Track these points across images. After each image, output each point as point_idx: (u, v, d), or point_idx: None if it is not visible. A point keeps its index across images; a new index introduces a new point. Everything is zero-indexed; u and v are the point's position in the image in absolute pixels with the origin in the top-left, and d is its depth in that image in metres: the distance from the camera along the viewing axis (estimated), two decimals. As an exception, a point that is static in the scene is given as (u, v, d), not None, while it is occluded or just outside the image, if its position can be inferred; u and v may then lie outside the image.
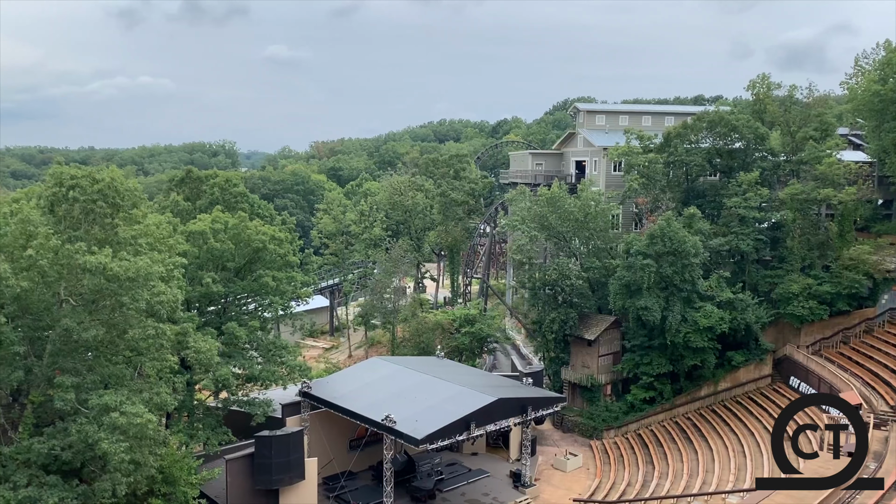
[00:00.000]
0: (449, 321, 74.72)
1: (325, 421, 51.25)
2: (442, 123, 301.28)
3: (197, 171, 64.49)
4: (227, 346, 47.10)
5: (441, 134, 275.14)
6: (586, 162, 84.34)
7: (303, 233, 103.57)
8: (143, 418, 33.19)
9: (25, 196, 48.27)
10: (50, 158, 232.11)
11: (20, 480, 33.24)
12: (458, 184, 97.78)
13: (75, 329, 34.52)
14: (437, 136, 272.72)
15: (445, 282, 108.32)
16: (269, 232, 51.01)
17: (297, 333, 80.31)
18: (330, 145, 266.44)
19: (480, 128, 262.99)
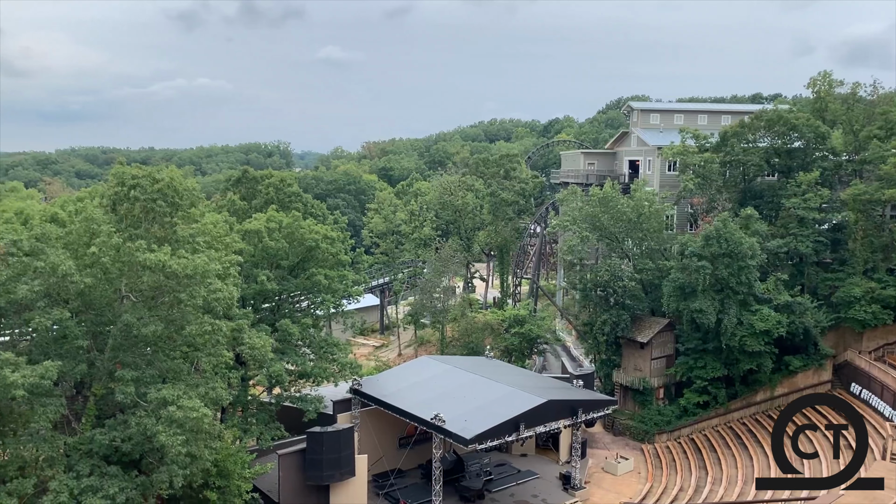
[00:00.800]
0: (498, 321, 74.51)
1: (375, 418, 51.68)
2: (492, 123, 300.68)
3: (252, 171, 65.73)
4: (280, 343, 47.90)
5: (491, 133, 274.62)
6: (640, 161, 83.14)
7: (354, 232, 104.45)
8: (199, 412, 33.99)
9: (89, 195, 50.04)
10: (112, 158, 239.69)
11: (83, 470, 34.43)
12: (508, 184, 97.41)
13: (135, 324, 35.57)
14: (487, 135, 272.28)
15: (495, 282, 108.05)
16: (321, 231, 51.71)
17: (348, 331, 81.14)
18: (381, 145, 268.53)
19: (531, 127, 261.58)
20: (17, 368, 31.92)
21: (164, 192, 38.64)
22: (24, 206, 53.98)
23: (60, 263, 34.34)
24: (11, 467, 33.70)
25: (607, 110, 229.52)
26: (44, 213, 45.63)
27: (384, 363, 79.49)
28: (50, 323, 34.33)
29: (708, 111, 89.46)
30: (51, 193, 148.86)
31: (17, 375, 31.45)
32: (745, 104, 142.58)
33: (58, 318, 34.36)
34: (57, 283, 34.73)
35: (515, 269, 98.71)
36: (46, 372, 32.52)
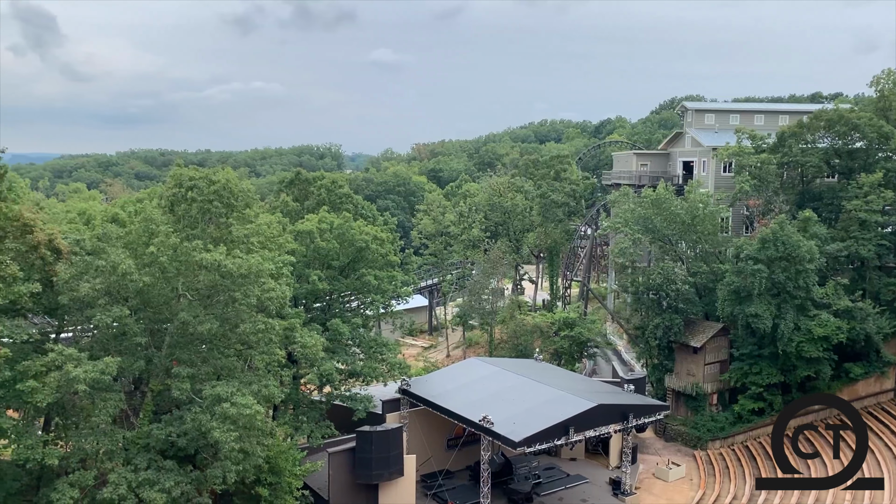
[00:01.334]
0: (548, 324, 74.00)
1: (423, 419, 51.86)
2: (543, 124, 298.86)
3: (305, 172, 66.76)
4: (331, 342, 48.46)
5: (541, 134, 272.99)
6: (694, 162, 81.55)
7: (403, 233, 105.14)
8: (252, 409, 34.64)
9: (148, 196, 51.47)
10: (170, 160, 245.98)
11: (141, 463, 35.42)
12: (558, 185, 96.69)
13: (191, 322, 36.44)
14: (537, 136, 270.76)
15: (544, 284, 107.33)
16: (371, 232, 52.18)
17: (396, 332, 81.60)
18: (431, 147, 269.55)
19: (582, 128, 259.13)
20: (80, 364, 33.03)
21: (220, 194, 39.53)
22: (86, 207, 55.75)
23: (121, 262, 35.40)
24: (74, 459, 34.87)
25: (660, 110, 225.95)
26: (105, 213, 47.15)
27: (432, 364, 79.70)
28: (110, 320, 35.43)
29: (765, 111, 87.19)
30: (112, 194, 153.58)
31: (80, 370, 32.55)
32: (803, 104, 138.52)
33: (118, 315, 35.43)
34: (117, 282, 35.81)
35: (565, 272, 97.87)
36: (107, 368, 33.56)
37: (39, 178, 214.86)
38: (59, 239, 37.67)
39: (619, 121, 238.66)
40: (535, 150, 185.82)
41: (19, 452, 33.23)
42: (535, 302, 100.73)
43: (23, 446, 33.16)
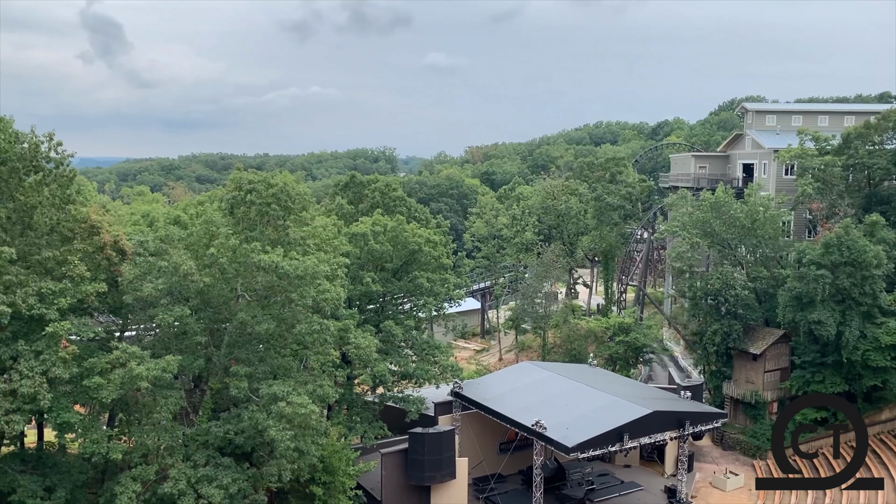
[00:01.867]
0: (602, 329, 73.11)
1: (475, 422, 51.82)
2: (598, 126, 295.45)
3: (359, 176, 67.48)
4: (384, 344, 48.88)
5: (597, 137, 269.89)
6: (754, 165, 79.57)
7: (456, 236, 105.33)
8: (307, 409, 35.18)
9: (209, 199, 52.76)
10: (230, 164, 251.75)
11: (200, 460, 36.32)
12: (614, 188, 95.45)
13: (249, 322, 37.24)
14: (592, 138, 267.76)
15: (599, 288, 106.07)
16: (424, 234, 52.45)
17: (449, 334, 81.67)
18: (484, 150, 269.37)
19: (639, 130, 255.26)
20: (143, 361, 34.09)
21: (278, 197, 40.29)
22: (150, 209, 57.59)
23: (182, 263, 36.41)
24: (136, 454, 35.99)
25: (720, 112, 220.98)
26: (168, 215, 48.57)
27: (485, 367, 79.58)
28: (172, 319, 36.46)
29: (829, 112, 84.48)
30: (174, 197, 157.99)
31: (143, 368, 33.59)
32: (870, 104, 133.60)
33: (179, 314, 36.43)
34: (179, 282, 36.84)
35: (621, 276, 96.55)
36: (168, 365, 34.56)
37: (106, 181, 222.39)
38: (124, 240, 38.97)
39: (676, 122, 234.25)
40: (590, 153, 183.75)
41: (85, 446, 34.47)
42: (590, 306, 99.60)
43: (89, 440, 34.40)
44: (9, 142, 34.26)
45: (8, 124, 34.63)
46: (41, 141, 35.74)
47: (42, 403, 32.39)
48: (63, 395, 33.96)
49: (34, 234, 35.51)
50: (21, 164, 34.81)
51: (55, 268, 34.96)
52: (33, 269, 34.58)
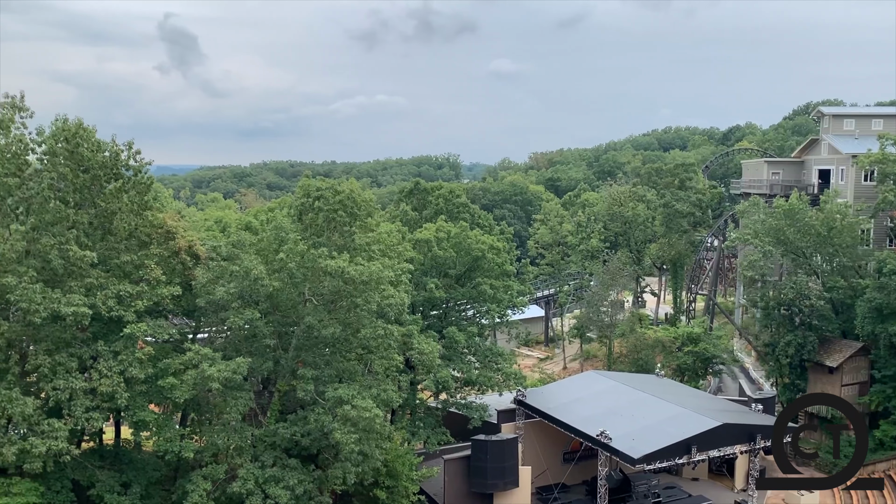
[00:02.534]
0: (670, 339, 71.55)
1: (539, 430, 51.41)
2: (667, 131, 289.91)
3: (424, 182, 67.93)
4: (447, 350, 49.02)
5: (665, 142, 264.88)
6: (831, 171, 76.63)
7: (520, 242, 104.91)
8: (371, 412, 35.57)
9: (279, 206, 54.07)
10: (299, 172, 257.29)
11: (267, 460, 37.16)
12: (683, 194, 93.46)
13: (316, 326, 37.95)
14: (660, 144, 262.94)
15: (667, 297, 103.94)
16: (488, 241, 52.42)
17: (512, 342, 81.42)
18: (548, 156, 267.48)
19: (709, 135, 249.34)
20: (214, 363, 35.12)
21: (345, 203, 40.99)
22: (222, 215, 59.24)
23: (253, 268, 37.40)
24: (207, 454, 37.07)
25: (794, 116, 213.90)
26: (239, 221, 49.93)
27: (549, 376, 78.87)
28: (242, 322, 37.46)
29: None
30: (246, 203, 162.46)
31: (214, 369, 34.62)
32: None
33: (249, 318, 37.41)
34: (249, 286, 37.84)
35: (690, 285, 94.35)
36: (238, 367, 35.51)
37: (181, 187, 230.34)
38: (198, 245, 40.28)
39: (748, 127, 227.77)
40: (659, 158, 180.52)
41: (159, 444, 35.73)
42: (657, 315, 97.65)
43: (163, 439, 35.64)
44: (91, 150, 35.88)
45: (91, 133, 36.27)
46: (121, 149, 37.30)
47: (119, 402, 33.72)
48: (139, 395, 35.28)
49: (114, 238, 37.05)
50: (102, 171, 36.39)
51: (133, 271, 36.37)
52: (112, 273, 36.07)
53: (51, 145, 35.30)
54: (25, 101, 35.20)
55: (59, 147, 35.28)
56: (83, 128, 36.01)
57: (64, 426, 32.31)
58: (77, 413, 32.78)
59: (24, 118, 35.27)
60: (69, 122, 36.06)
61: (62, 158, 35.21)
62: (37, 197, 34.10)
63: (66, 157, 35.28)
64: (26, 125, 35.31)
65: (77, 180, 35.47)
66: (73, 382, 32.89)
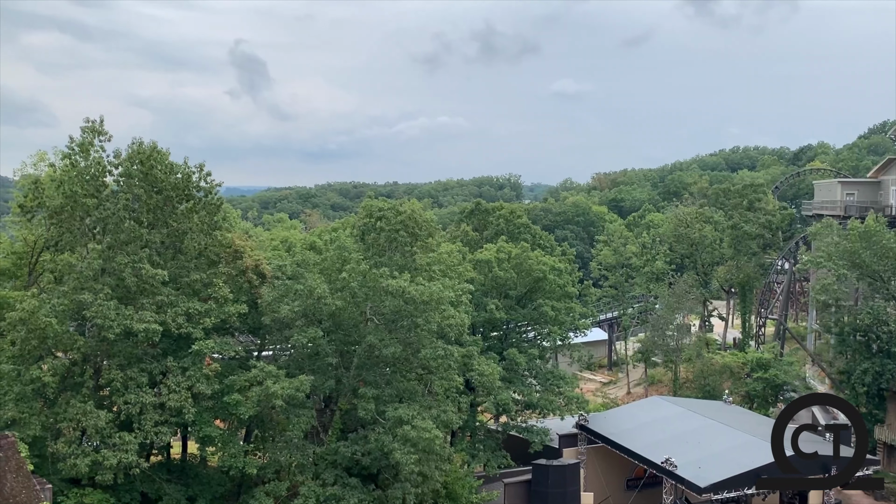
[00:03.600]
0: (739, 364, 69.41)
1: (601, 456, 50.38)
2: (735, 151, 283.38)
3: (484, 203, 68.08)
4: (507, 372, 48.63)
5: (733, 162, 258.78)
6: (911, 191, 73.45)
7: (582, 264, 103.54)
8: (431, 433, 35.50)
9: (342, 226, 54.96)
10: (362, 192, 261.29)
11: (328, 479, 37.44)
12: (751, 215, 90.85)
13: (377, 345, 38.22)
14: (728, 164, 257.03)
15: (735, 321, 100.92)
16: (549, 262, 51.99)
17: (574, 365, 79.96)
18: (612, 176, 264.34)
19: (779, 155, 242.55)
20: (278, 380, 35.71)
21: (406, 224, 41.40)
22: (288, 235, 60.49)
23: (316, 287, 38.00)
24: (269, 470, 37.59)
25: (870, 135, 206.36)
26: (304, 241, 50.91)
27: (612, 400, 77.40)
28: (306, 340, 38.03)
29: None
30: (310, 224, 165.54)
31: (278, 387, 35.19)
32: None
33: (312, 336, 37.94)
34: (313, 305, 38.44)
35: (760, 309, 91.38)
36: (301, 385, 36.01)
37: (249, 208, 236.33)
38: (264, 264, 41.20)
39: (821, 147, 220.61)
40: (726, 179, 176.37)
41: (224, 460, 36.42)
42: (725, 340, 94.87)
43: (227, 454, 36.32)
44: (165, 172, 37.24)
45: (164, 156, 37.66)
46: (193, 171, 38.61)
47: (187, 417, 34.58)
48: (205, 410, 36.11)
49: (184, 257, 38.23)
50: (175, 192, 37.72)
51: (202, 289, 37.41)
52: (182, 291, 37.17)
53: (127, 167, 36.81)
54: (104, 125, 36.91)
55: (134, 169, 36.77)
56: (157, 150, 37.45)
57: (134, 439, 33.30)
58: (147, 427, 33.74)
59: (103, 141, 36.95)
60: (144, 144, 37.57)
61: (137, 180, 36.66)
62: (113, 217, 35.53)
63: (141, 179, 36.72)
64: (105, 148, 37.00)
65: (151, 201, 36.85)
66: (143, 397, 33.92)
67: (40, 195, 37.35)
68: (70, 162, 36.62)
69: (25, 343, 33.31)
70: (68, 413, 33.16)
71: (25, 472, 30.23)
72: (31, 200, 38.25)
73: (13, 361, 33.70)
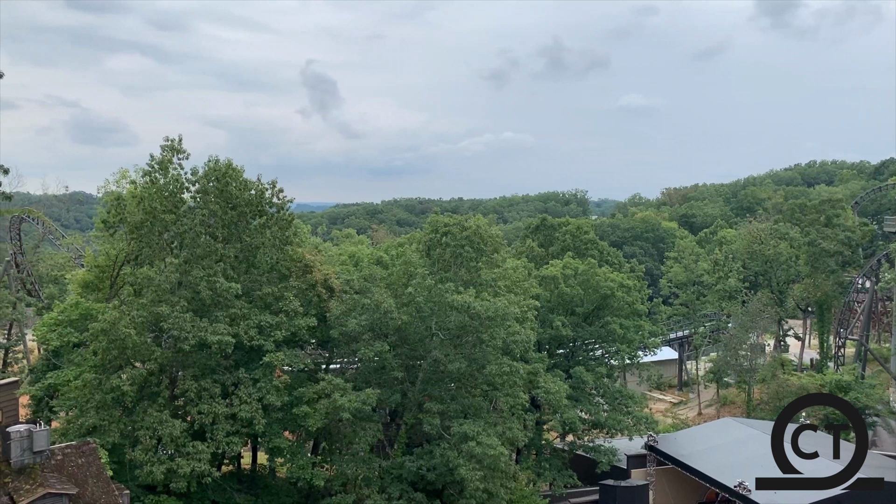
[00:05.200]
0: (816, 386, 66.61)
1: (671, 478, 49.05)
2: (811, 165, 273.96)
3: (550, 219, 67.63)
4: (574, 390, 48.00)
5: (809, 177, 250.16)
6: None
7: (651, 281, 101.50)
8: (496, 450, 35.31)
9: (408, 241, 55.46)
10: (427, 208, 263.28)
11: (394, 493, 37.61)
12: (829, 232, 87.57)
13: (442, 360, 38.33)
14: (804, 178, 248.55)
15: (812, 342, 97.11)
16: (617, 279, 51.21)
17: (643, 384, 78.35)
18: (682, 192, 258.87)
19: (859, 169, 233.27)
20: (345, 393, 36.17)
21: (471, 239, 41.48)
22: (355, 250, 61.40)
23: (383, 301, 38.42)
24: (336, 483, 38.01)
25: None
26: (371, 256, 51.61)
27: (682, 421, 75.39)
28: (372, 354, 38.46)
29: None
30: (377, 239, 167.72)
31: (345, 399, 35.64)
32: None
33: (379, 350, 38.34)
34: (380, 319, 38.86)
35: (839, 329, 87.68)
36: (368, 398, 36.37)
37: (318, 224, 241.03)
38: (333, 278, 41.92)
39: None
40: (803, 194, 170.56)
41: (293, 471, 37.02)
42: (802, 361, 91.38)
43: (296, 466, 36.92)
44: (239, 189, 38.44)
45: (239, 173, 38.89)
46: (266, 188, 39.72)
47: (257, 428, 35.35)
48: (275, 422, 36.84)
49: (257, 271, 39.26)
50: (248, 208, 38.87)
51: (273, 303, 38.31)
52: (254, 304, 38.14)
53: (203, 184, 38.18)
54: (182, 144, 38.41)
55: (210, 186, 38.10)
56: (232, 168, 38.72)
57: (206, 448, 34.20)
58: (219, 437, 34.62)
59: (181, 159, 38.44)
60: (220, 162, 38.88)
61: (213, 196, 37.95)
62: (190, 232, 36.83)
63: (217, 195, 37.98)
64: (182, 166, 38.50)
65: (226, 216, 38.05)
66: (215, 407, 34.85)
67: (122, 211, 39.02)
68: (150, 179, 38.22)
69: (107, 353, 34.72)
70: (145, 421, 34.33)
71: (105, 478, 31.44)
72: (113, 216, 39.99)
73: (95, 371, 35.14)
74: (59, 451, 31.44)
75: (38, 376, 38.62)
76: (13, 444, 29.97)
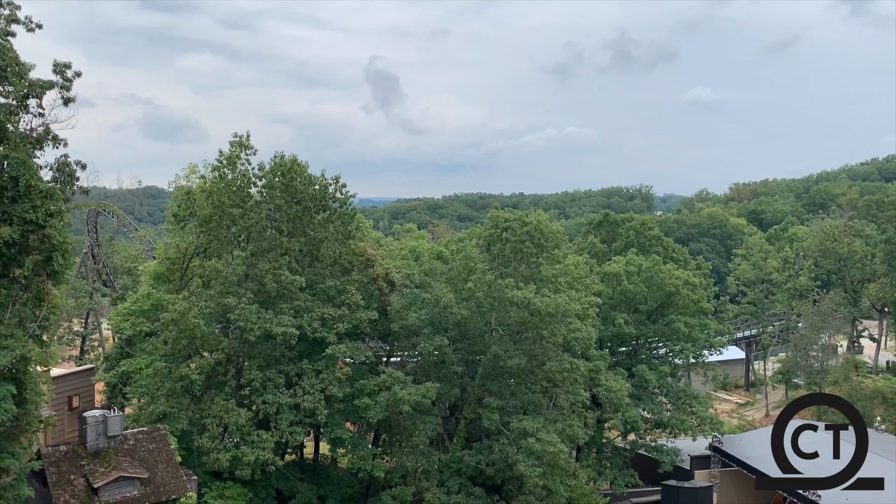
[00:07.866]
0: (893, 390, 63.98)
1: (736, 480, 47.86)
2: (889, 160, 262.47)
3: (613, 214, 66.59)
4: (636, 389, 47.31)
5: (888, 172, 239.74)
6: None
7: (718, 279, 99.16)
8: (555, 447, 35.11)
9: (468, 236, 55.49)
10: (487, 203, 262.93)
11: (453, 486, 37.83)
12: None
13: (502, 356, 38.29)
14: (882, 174, 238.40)
15: (889, 343, 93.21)
16: (682, 276, 50.16)
17: (708, 384, 76.57)
18: (751, 187, 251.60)
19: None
20: (405, 386, 36.54)
21: (532, 235, 41.23)
22: (416, 245, 61.82)
23: (443, 296, 38.61)
24: (396, 475, 38.44)
25: None
26: (431, 251, 51.87)
27: (749, 423, 73.42)
28: (432, 348, 38.71)
29: None
30: (437, 234, 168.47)
31: (405, 392, 36.00)
32: None
33: (438, 344, 38.56)
34: (439, 314, 39.09)
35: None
36: (427, 392, 36.65)
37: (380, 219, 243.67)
38: (394, 273, 42.33)
39: None
40: (880, 190, 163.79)
41: (353, 462, 37.62)
42: (877, 363, 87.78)
43: (356, 457, 37.50)
44: (304, 184, 39.17)
45: (303, 169, 39.63)
46: (329, 183, 40.37)
47: (319, 418, 36.02)
48: (337, 413, 37.47)
49: (320, 265, 39.96)
50: (313, 203, 39.58)
51: (336, 296, 38.94)
52: (318, 297, 38.83)
53: (269, 179, 39.03)
54: (250, 140, 39.34)
55: (276, 181, 38.93)
56: (297, 163, 39.47)
57: (270, 438, 35.05)
58: (282, 426, 35.42)
59: (249, 155, 39.38)
60: (285, 158, 39.68)
61: (279, 191, 38.78)
62: (256, 226, 37.73)
63: (282, 190, 38.80)
64: (250, 161, 39.44)
65: (291, 211, 38.84)
66: (280, 397, 35.67)
67: (192, 205, 40.26)
68: (219, 174, 39.28)
69: (176, 342, 35.90)
70: (212, 410, 35.37)
71: (174, 463, 32.57)
72: (183, 210, 41.30)
73: (165, 360, 36.41)
74: (131, 436, 32.75)
75: (112, 364, 40.22)
76: (89, 429, 31.37)
